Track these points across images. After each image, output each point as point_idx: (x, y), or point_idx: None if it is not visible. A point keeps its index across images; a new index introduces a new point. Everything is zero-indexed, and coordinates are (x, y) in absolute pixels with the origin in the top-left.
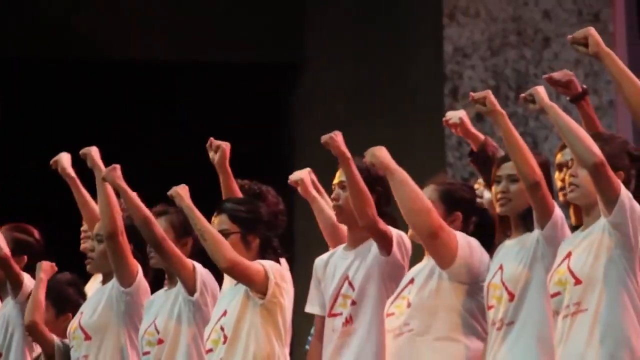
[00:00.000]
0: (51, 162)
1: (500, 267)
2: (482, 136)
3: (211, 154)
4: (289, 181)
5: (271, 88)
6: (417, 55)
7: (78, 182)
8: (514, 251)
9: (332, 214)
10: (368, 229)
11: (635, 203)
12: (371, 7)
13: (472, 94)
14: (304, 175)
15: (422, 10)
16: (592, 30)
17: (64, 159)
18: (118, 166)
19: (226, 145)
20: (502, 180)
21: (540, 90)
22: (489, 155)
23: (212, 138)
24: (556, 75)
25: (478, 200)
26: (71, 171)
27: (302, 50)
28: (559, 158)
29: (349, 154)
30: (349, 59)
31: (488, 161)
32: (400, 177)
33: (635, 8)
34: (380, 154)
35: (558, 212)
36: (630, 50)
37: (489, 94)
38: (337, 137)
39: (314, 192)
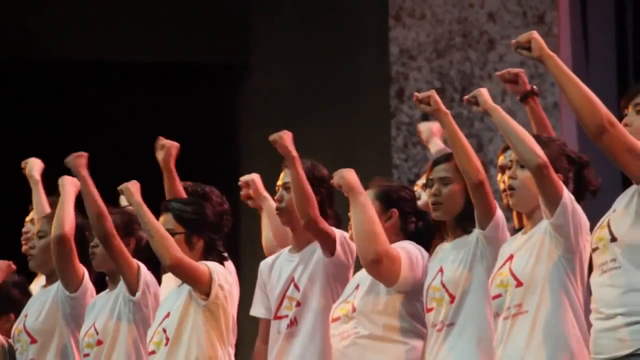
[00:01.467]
0: (22, 163)
1: (440, 270)
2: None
3: (157, 153)
4: (240, 182)
5: (216, 88)
6: (363, 56)
7: (41, 186)
8: (453, 253)
9: None
10: (309, 228)
11: (577, 205)
12: (317, 7)
13: (416, 94)
14: (255, 176)
15: (368, 12)
16: (535, 33)
17: (36, 164)
18: (85, 154)
19: (173, 145)
20: (434, 183)
21: (484, 92)
22: None
23: (161, 137)
24: (504, 72)
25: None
26: (37, 176)
27: (248, 51)
28: (501, 160)
29: (295, 153)
30: (295, 59)
31: None
32: (363, 201)
33: (580, 10)
34: (349, 176)
35: (499, 213)
36: (574, 52)
37: (433, 93)
38: (286, 135)
39: (265, 193)
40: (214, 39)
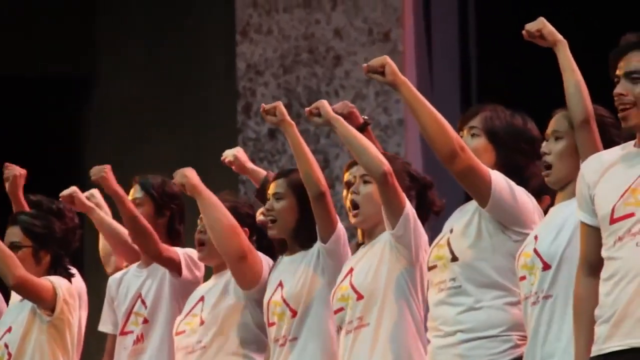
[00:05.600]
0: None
1: (280, 284)
2: (262, 172)
3: (5, 181)
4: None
5: (61, 102)
6: (210, 71)
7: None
8: (292, 267)
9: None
10: (154, 260)
11: (417, 218)
12: (164, 22)
13: (263, 105)
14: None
15: (215, 27)
16: (388, 58)
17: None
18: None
19: (19, 175)
20: (270, 198)
21: (326, 104)
22: None
23: (7, 164)
24: (337, 107)
25: (258, 217)
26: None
27: (93, 64)
28: (346, 176)
29: (121, 191)
30: (142, 74)
31: None
32: (209, 199)
33: (424, 28)
34: (190, 174)
35: (341, 226)
36: (419, 69)
37: (279, 104)
38: (108, 174)
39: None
40: (58, 52)
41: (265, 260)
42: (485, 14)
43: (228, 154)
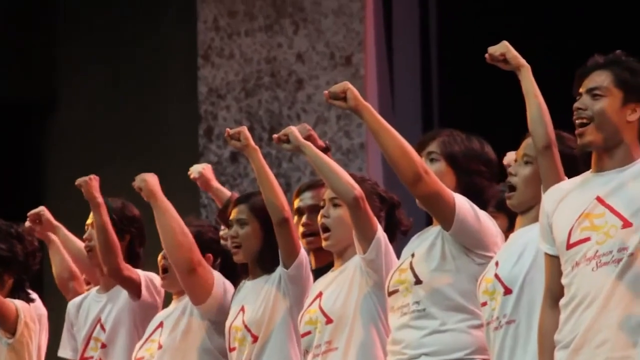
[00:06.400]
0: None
1: (242, 309)
2: (227, 192)
3: None
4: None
5: (22, 127)
6: (171, 95)
7: None
8: (255, 292)
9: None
10: (113, 276)
11: (388, 242)
12: (125, 45)
13: (227, 129)
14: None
15: (177, 51)
16: (349, 84)
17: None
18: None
19: None
20: (233, 224)
21: (295, 130)
22: None
23: None
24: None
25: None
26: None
27: (54, 88)
28: (296, 203)
29: (100, 199)
30: (103, 97)
31: None
32: (165, 207)
33: (386, 52)
34: (150, 180)
35: (303, 252)
36: (380, 93)
37: (244, 129)
38: (93, 181)
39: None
40: (18, 76)
41: (219, 279)
42: (447, 38)
43: (194, 170)
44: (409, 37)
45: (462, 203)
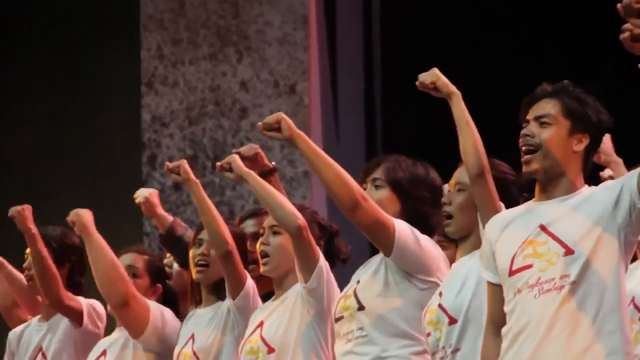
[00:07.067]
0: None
1: (192, 337)
2: (170, 217)
3: None
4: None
5: None
6: (115, 123)
7: None
8: (205, 320)
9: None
10: (53, 306)
11: (330, 270)
12: (69, 73)
13: (167, 163)
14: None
15: (120, 78)
16: (283, 114)
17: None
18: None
19: None
20: (202, 244)
21: (237, 159)
22: (178, 236)
23: None
24: (243, 149)
25: (167, 270)
26: None
27: None
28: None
29: (34, 230)
30: (45, 123)
31: (178, 242)
32: (98, 243)
33: (330, 81)
34: (84, 214)
35: (250, 282)
36: (324, 122)
37: (184, 163)
38: (25, 211)
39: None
40: None
41: (156, 310)
42: (391, 66)
43: (140, 194)
44: (353, 65)
45: (402, 228)
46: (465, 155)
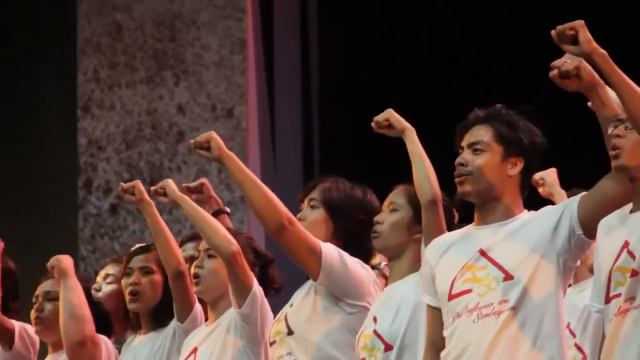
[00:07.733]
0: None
1: None
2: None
3: None
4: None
5: None
6: (50, 146)
7: None
8: (147, 346)
9: None
10: None
11: (264, 296)
12: (5, 93)
13: (122, 183)
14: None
15: (56, 102)
16: (214, 133)
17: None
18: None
19: None
20: (133, 272)
21: (171, 183)
22: None
23: None
24: (192, 185)
25: (94, 293)
26: None
27: None
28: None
29: None
30: None
31: None
32: (74, 284)
33: (268, 105)
34: (64, 259)
35: (198, 306)
36: (262, 146)
37: (138, 183)
38: None
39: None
40: None
41: (105, 345)
42: (329, 91)
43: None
44: (291, 89)
45: (329, 251)
46: (419, 185)
